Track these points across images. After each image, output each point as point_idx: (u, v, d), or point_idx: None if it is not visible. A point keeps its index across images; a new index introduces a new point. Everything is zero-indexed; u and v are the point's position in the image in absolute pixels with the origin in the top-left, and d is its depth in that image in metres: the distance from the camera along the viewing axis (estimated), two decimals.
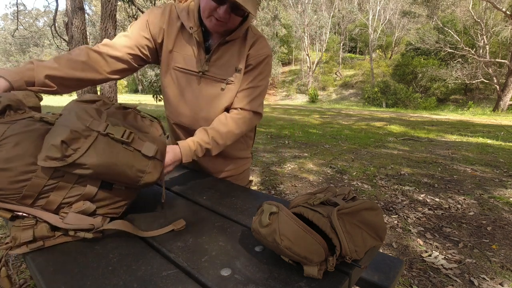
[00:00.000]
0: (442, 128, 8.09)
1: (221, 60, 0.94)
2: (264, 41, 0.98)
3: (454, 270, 1.67)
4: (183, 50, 0.94)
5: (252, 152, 1.27)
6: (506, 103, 15.06)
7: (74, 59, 0.83)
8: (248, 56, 0.96)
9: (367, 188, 3.03)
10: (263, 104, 1.04)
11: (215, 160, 1.09)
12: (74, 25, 4.49)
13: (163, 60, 0.97)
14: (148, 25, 0.92)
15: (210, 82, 0.96)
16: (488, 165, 3.99)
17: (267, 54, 0.98)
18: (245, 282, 0.49)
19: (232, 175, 1.14)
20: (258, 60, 0.96)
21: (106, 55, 0.88)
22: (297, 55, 33.05)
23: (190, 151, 0.86)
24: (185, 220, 0.71)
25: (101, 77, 0.90)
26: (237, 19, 0.86)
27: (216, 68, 0.95)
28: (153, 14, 0.93)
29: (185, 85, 0.97)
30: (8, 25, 45.28)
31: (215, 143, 0.91)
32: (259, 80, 0.99)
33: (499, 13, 16.44)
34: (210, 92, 0.97)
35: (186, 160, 0.85)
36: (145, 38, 0.93)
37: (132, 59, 0.93)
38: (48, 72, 0.78)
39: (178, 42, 0.94)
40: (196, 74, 0.95)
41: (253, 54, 0.96)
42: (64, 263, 0.54)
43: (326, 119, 10.33)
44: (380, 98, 20.00)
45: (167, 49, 0.95)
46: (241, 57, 0.95)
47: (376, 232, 0.56)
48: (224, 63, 0.95)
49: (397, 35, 26.03)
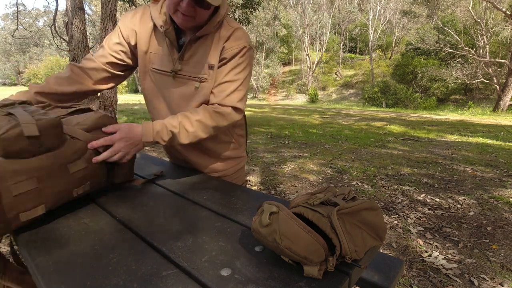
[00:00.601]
0: (442, 128, 8.09)
1: (194, 58, 0.91)
2: (240, 32, 0.92)
3: (454, 270, 1.67)
4: (157, 50, 0.94)
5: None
6: (506, 103, 15.06)
7: (60, 76, 0.94)
8: (222, 49, 0.91)
9: (367, 188, 3.03)
10: (245, 99, 0.97)
11: (205, 159, 1.08)
12: (74, 25, 4.49)
13: (140, 62, 0.98)
14: (120, 30, 0.96)
15: (184, 81, 0.94)
16: (488, 165, 3.99)
17: (243, 45, 0.91)
18: (245, 282, 0.49)
19: (225, 175, 1.13)
20: (233, 52, 0.90)
21: (85, 68, 0.96)
22: (297, 55, 33.05)
23: (152, 130, 0.83)
24: (185, 220, 0.71)
25: (88, 89, 0.98)
26: (204, 12, 0.83)
27: (190, 66, 0.92)
28: (124, 18, 0.96)
29: (162, 86, 0.97)
30: (8, 25, 45.25)
31: (184, 129, 0.86)
32: (235, 74, 0.92)
33: (499, 13, 16.44)
34: (184, 91, 0.95)
35: (146, 139, 0.82)
36: (118, 44, 0.96)
37: (109, 67, 0.98)
38: (36, 89, 0.89)
39: (152, 43, 0.94)
40: (169, 74, 0.94)
41: (228, 47, 0.90)
42: (64, 263, 0.54)
43: (326, 119, 10.33)
44: (380, 98, 20.00)
45: (142, 51, 0.95)
46: (215, 52, 0.91)
47: (376, 232, 0.56)
48: (197, 61, 0.91)
49: (397, 35, 26.04)
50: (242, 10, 8.82)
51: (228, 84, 0.92)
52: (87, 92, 0.99)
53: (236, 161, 1.14)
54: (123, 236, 0.63)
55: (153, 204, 0.80)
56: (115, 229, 0.67)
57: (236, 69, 0.92)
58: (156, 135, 0.83)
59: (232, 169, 1.14)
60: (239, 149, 1.14)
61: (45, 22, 40.34)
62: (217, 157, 1.09)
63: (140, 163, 1.20)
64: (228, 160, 1.12)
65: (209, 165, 1.10)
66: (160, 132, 0.83)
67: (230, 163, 1.13)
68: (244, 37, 0.92)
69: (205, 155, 1.08)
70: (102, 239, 0.62)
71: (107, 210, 0.77)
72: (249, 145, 5.10)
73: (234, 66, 0.92)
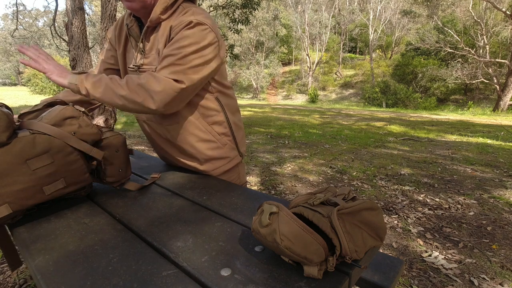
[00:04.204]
0: (442, 128, 8.08)
1: (153, 50, 0.89)
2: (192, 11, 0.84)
3: (454, 270, 1.67)
4: (130, 50, 0.97)
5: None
6: (506, 103, 15.06)
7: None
8: (170, 30, 0.84)
9: (367, 188, 3.03)
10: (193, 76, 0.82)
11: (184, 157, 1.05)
12: (74, 25, 4.49)
13: (120, 65, 1.02)
14: (108, 38, 1.04)
15: None
16: (488, 165, 3.99)
17: (189, 20, 0.81)
18: (245, 282, 0.49)
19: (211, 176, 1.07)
20: (179, 29, 0.82)
21: None
22: (297, 55, 33.04)
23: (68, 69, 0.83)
24: (185, 220, 0.71)
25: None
26: None
27: (150, 59, 0.90)
28: (112, 26, 1.04)
29: None
30: (8, 25, 45.29)
31: (100, 80, 0.81)
32: (177, 48, 0.81)
33: (499, 13, 16.44)
34: None
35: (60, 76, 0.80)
36: (109, 50, 1.04)
37: (107, 73, 1.05)
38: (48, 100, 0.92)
39: (127, 44, 0.99)
40: (134, 69, 0.94)
41: (175, 25, 0.83)
42: (64, 263, 0.54)
43: (326, 119, 10.33)
44: (380, 98, 20.00)
45: (120, 53, 1.00)
46: (164, 36, 0.85)
47: (376, 232, 0.56)
48: (155, 51, 0.89)
49: (397, 35, 26.04)
50: (241, 10, 8.82)
51: (169, 58, 0.81)
52: (92, 100, 1.05)
53: (221, 162, 1.06)
54: (123, 236, 0.63)
55: (153, 204, 0.80)
56: (115, 229, 0.67)
57: (179, 43, 0.81)
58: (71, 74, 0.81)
59: (217, 171, 1.07)
60: (223, 149, 1.05)
61: (45, 22, 40.35)
62: (198, 155, 1.03)
63: (140, 163, 1.20)
64: (212, 161, 1.05)
65: (189, 163, 1.05)
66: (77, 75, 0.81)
67: (214, 164, 1.06)
68: (194, 14, 0.83)
69: (184, 151, 1.03)
70: (102, 239, 0.62)
71: (107, 210, 0.77)
72: (249, 145, 5.10)
73: (178, 40, 0.81)
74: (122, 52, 0.99)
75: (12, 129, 0.65)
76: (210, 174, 1.07)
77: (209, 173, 1.07)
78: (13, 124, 0.66)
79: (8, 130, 0.64)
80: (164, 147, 1.06)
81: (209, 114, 0.99)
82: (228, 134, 1.06)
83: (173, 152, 1.06)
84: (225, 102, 1.01)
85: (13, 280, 1.52)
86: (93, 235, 0.64)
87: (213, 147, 1.03)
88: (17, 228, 0.69)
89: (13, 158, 0.64)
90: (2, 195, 0.63)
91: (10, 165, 0.64)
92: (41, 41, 44.68)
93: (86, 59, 4.56)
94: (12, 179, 0.64)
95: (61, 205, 0.80)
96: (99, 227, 0.68)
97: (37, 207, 0.78)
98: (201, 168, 1.06)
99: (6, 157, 0.63)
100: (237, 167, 1.12)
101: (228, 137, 1.06)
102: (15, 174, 0.64)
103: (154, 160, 1.25)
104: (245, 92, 29.42)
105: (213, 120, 1.00)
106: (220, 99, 1.00)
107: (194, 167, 1.06)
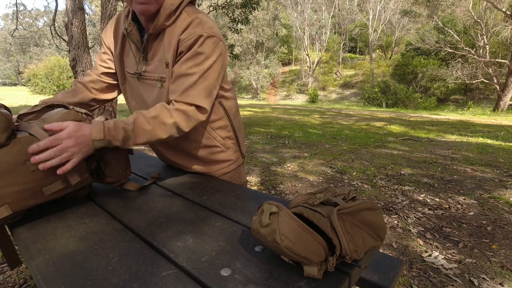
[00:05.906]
0: (442, 128, 8.08)
1: (156, 57, 0.87)
2: (198, 21, 0.82)
3: (454, 270, 1.67)
4: (128, 53, 0.94)
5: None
6: (506, 103, 15.06)
7: (66, 91, 1.02)
8: (178, 42, 0.82)
9: (367, 188, 3.03)
10: (210, 97, 0.85)
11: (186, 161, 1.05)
12: (74, 25, 4.49)
13: (116, 67, 1.00)
14: (103, 40, 1.01)
15: (148, 82, 0.91)
16: (488, 165, 3.99)
17: (198, 34, 0.80)
18: (245, 282, 0.49)
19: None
20: (189, 43, 0.81)
21: (85, 82, 1.03)
22: (297, 55, 33.05)
23: (103, 127, 0.74)
24: (185, 220, 0.71)
25: (90, 99, 1.04)
26: None
27: (152, 67, 0.88)
28: (106, 27, 1.01)
29: (134, 89, 0.98)
30: (8, 25, 45.27)
31: (139, 127, 0.77)
32: (190, 66, 0.81)
33: (499, 13, 16.44)
34: (150, 93, 0.92)
35: (96, 137, 0.73)
36: (104, 53, 1.02)
37: (103, 77, 1.04)
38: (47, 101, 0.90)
39: (125, 47, 0.95)
40: (135, 76, 0.93)
41: (184, 38, 0.81)
42: (64, 263, 0.54)
43: (326, 119, 10.33)
44: (380, 98, 20.00)
45: (116, 55, 0.97)
46: (171, 48, 0.83)
47: (376, 232, 0.56)
48: (158, 59, 0.87)
49: (397, 35, 26.05)
50: (241, 10, 8.82)
51: (184, 79, 0.81)
52: (90, 102, 1.05)
53: (224, 165, 1.07)
54: (123, 236, 0.63)
55: (153, 204, 0.80)
56: (115, 229, 0.67)
57: (191, 61, 0.81)
58: (108, 132, 0.74)
59: (219, 172, 1.07)
60: (226, 152, 1.05)
61: (45, 22, 40.34)
62: (200, 160, 1.04)
63: (140, 163, 1.20)
64: (215, 164, 1.06)
65: (192, 167, 1.06)
66: (112, 129, 0.74)
67: (217, 167, 1.06)
68: (204, 25, 0.82)
69: (186, 157, 1.04)
70: (102, 239, 0.62)
71: (107, 210, 0.77)
72: (249, 145, 5.10)
73: (189, 58, 0.81)
74: (119, 54, 0.96)
75: (11, 130, 0.65)
76: (212, 175, 1.08)
77: (210, 174, 1.08)
78: (11, 125, 0.65)
79: (7, 131, 0.64)
80: (167, 154, 1.07)
81: (214, 119, 0.99)
82: (232, 137, 1.06)
83: (175, 158, 1.06)
84: (228, 106, 1.01)
85: (13, 280, 1.52)
86: (93, 235, 0.64)
87: (217, 151, 1.03)
88: (17, 228, 0.69)
89: (12, 159, 0.64)
90: (2, 196, 0.63)
91: (9, 166, 0.63)
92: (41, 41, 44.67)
93: (86, 59, 4.56)
94: (12, 180, 0.64)
95: (61, 205, 0.80)
96: (99, 227, 0.68)
97: (37, 207, 0.78)
98: (203, 171, 1.07)
99: (5, 158, 0.63)
100: (239, 168, 1.13)
101: (232, 140, 1.06)
102: (14, 175, 0.64)
103: (154, 160, 1.25)
104: (245, 92, 29.43)
105: (217, 125, 1.01)
106: (224, 103, 1.00)
107: (195, 169, 1.07)
